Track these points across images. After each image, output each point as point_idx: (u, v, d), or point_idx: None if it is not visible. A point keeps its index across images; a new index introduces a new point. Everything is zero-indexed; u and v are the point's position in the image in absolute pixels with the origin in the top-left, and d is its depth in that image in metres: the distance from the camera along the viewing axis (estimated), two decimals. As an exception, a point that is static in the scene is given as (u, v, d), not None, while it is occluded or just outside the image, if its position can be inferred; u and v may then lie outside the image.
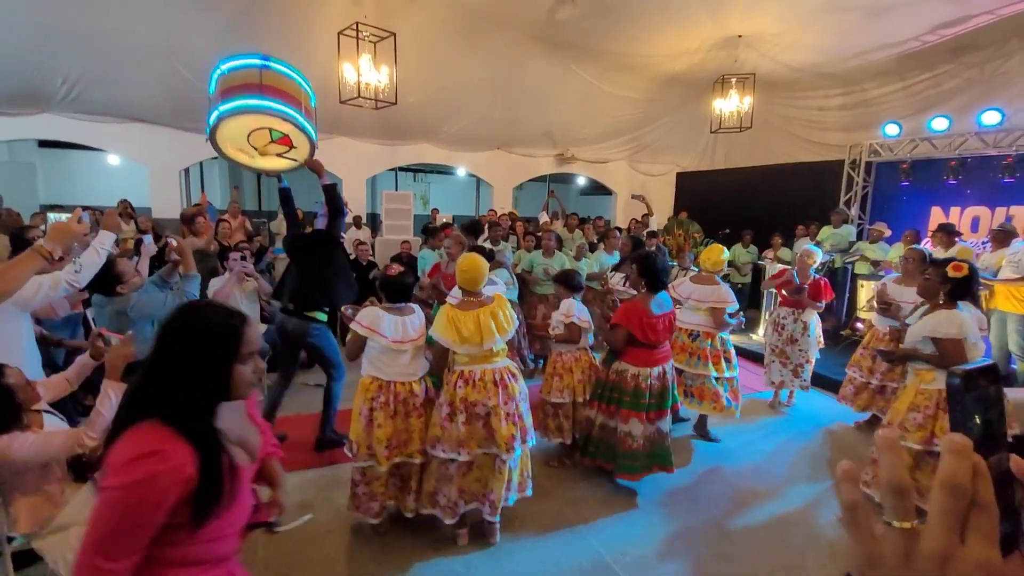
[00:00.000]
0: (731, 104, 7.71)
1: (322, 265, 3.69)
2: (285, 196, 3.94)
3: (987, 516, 0.38)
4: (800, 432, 4.45)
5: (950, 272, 2.89)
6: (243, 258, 4.84)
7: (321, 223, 3.92)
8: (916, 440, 2.93)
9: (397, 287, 2.95)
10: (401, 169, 12.97)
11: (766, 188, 9.32)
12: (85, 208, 3.27)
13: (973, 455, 0.39)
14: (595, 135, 10.54)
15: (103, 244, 2.50)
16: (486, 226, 6.48)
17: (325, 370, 3.91)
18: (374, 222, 11.35)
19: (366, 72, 5.94)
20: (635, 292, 3.47)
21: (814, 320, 4.62)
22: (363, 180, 9.94)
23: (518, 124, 9.75)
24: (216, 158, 10.51)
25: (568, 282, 3.69)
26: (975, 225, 6.88)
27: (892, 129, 7.54)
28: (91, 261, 2.44)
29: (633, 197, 9.73)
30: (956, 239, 5.69)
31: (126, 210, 7.65)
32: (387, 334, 2.77)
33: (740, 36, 7.00)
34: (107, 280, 2.85)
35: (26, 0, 5.85)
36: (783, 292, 4.70)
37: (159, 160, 8.49)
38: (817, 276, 4.66)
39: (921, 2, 5.72)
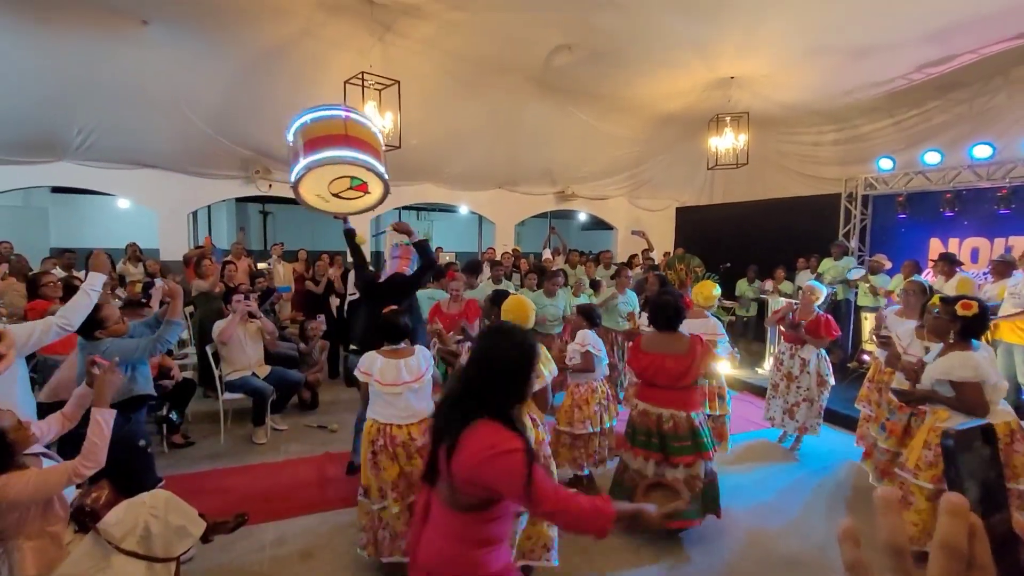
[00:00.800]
0: (727, 141, 7.90)
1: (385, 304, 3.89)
2: (350, 236, 4.14)
3: None
4: (812, 470, 4.36)
5: (959, 310, 2.79)
6: (246, 298, 4.90)
7: (393, 265, 4.11)
8: (927, 479, 2.84)
9: (389, 328, 2.94)
10: (405, 208, 13.21)
11: (765, 222, 9.43)
12: (68, 251, 3.34)
13: (969, 515, 0.40)
14: (594, 173, 10.76)
15: (92, 286, 2.56)
16: (486, 265, 6.55)
17: None
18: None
19: (371, 118, 6.14)
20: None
21: (815, 358, 4.53)
22: (368, 219, 10.11)
23: (519, 164, 9.98)
24: (224, 201, 10.79)
25: (589, 315, 3.85)
26: (975, 256, 6.92)
27: (886, 163, 7.69)
28: (81, 303, 2.50)
29: (633, 233, 9.86)
30: (957, 269, 5.71)
31: (134, 253, 7.79)
32: (379, 377, 2.78)
33: (732, 77, 7.23)
34: (89, 323, 2.80)
35: (48, 54, 6.14)
36: (781, 328, 4.68)
37: (167, 204, 8.71)
38: (820, 313, 4.62)
39: (905, 44, 5.92)
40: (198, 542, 2.29)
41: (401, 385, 2.77)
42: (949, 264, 5.63)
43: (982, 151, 6.56)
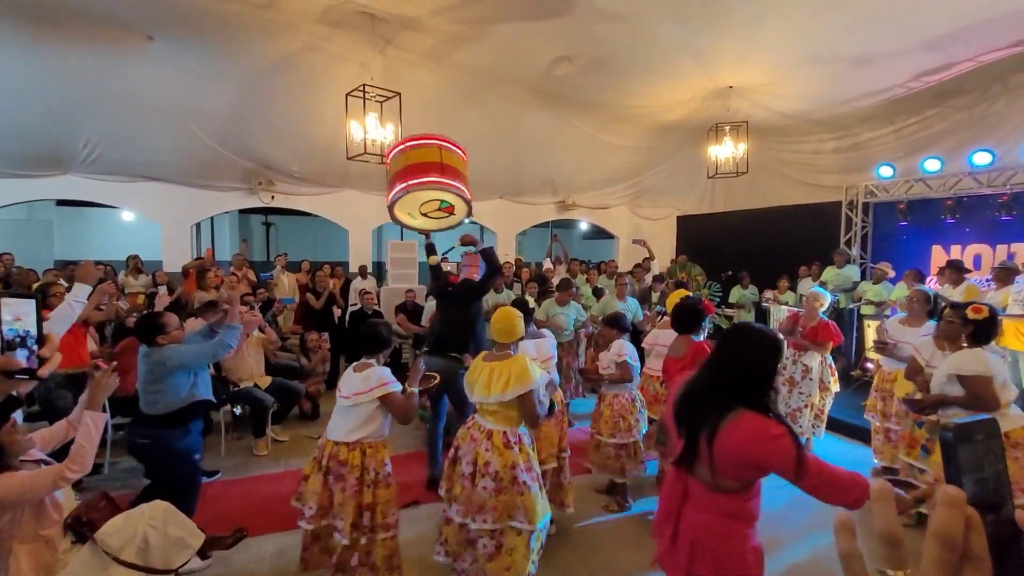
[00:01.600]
0: (726, 150, 7.92)
1: (462, 312, 4.18)
2: (430, 248, 4.52)
3: (980, 569, 0.39)
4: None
5: (970, 315, 2.83)
6: (252, 309, 4.92)
7: (465, 272, 4.47)
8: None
9: (369, 338, 2.78)
10: (407, 219, 13.27)
11: (766, 230, 9.43)
12: (98, 263, 3.40)
13: (966, 508, 0.40)
14: (595, 182, 10.80)
15: (76, 297, 2.58)
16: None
17: (458, 410, 4.05)
18: (380, 271, 11.52)
19: (372, 130, 6.20)
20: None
21: (817, 364, 4.52)
22: (370, 230, 10.15)
23: (520, 174, 10.03)
24: (227, 213, 10.86)
25: (617, 323, 3.84)
26: (977, 263, 6.90)
27: (886, 171, 7.70)
28: (63, 314, 2.51)
29: (634, 242, 9.86)
30: (964, 276, 5.67)
31: (135, 265, 7.82)
32: (340, 386, 2.71)
33: (731, 87, 7.28)
34: (150, 329, 3.00)
35: (54, 68, 6.23)
36: (780, 332, 4.69)
37: (171, 216, 8.77)
38: (823, 318, 4.62)
39: (903, 52, 5.96)
40: (198, 557, 2.28)
41: (343, 397, 2.65)
42: (957, 272, 5.60)
43: (982, 158, 6.57)
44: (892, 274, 6.85)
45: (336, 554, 2.57)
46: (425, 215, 4.13)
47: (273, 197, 8.98)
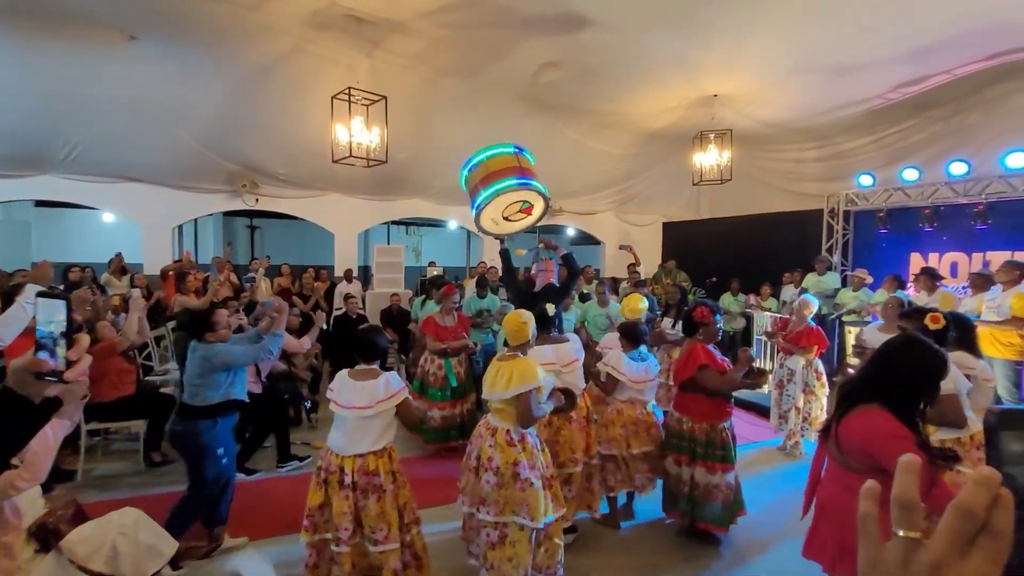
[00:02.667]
0: (711, 158, 8.01)
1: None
2: (505, 255, 4.64)
3: (997, 542, 0.41)
4: (802, 483, 4.35)
5: (929, 324, 2.82)
6: (237, 311, 4.89)
7: (542, 278, 4.52)
8: None
9: (364, 345, 2.71)
10: (394, 223, 13.21)
11: (750, 237, 9.54)
12: (74, 266, 3.34)
13: (999, 488, 0.41)
14: (582, 188, 10.85)
15: (27, 298, 2.54)
16: (475, 280, 6.57)
17: None
18: (366, 275, 11.45)
19: (358, 133, 6.17)
20: (681, 335, 3.73)
21: (800, 367, 4.62)
22: (355, 234, 10.09)
23: (507, 179, 10.04)
24: (211, 215, 10.73)
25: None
26: (954, 270, 7.04)
27: (866, 180, 7.85)
28: (14, 316, 2.47)
29: (621, 248, 9.93)
30: (939, 284, 5.79)
31: (120, 265, 7.68)
32: (335, 396, 2.64)
33: (715, 95, 7.37)
34: (200, 325, 3.15)
35: (33, 67, 6.12)
36: (763, 335, 4.79)
37: (152, 218, 8.64)
38: (811, 324, 4.73)
39: (881, 63, 6.09)
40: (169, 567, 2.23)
41: (349, 409, 2.56)
42: (931, 279, 5.72)
43: (958, 168, 6.72)
44: (870, 280, 6.97)
45: (384, 565, 2.52)
46: (507, 219, 4.32)
47: (258, 200, 8.89)
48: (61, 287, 5.22)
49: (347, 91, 6.01)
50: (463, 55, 6.59)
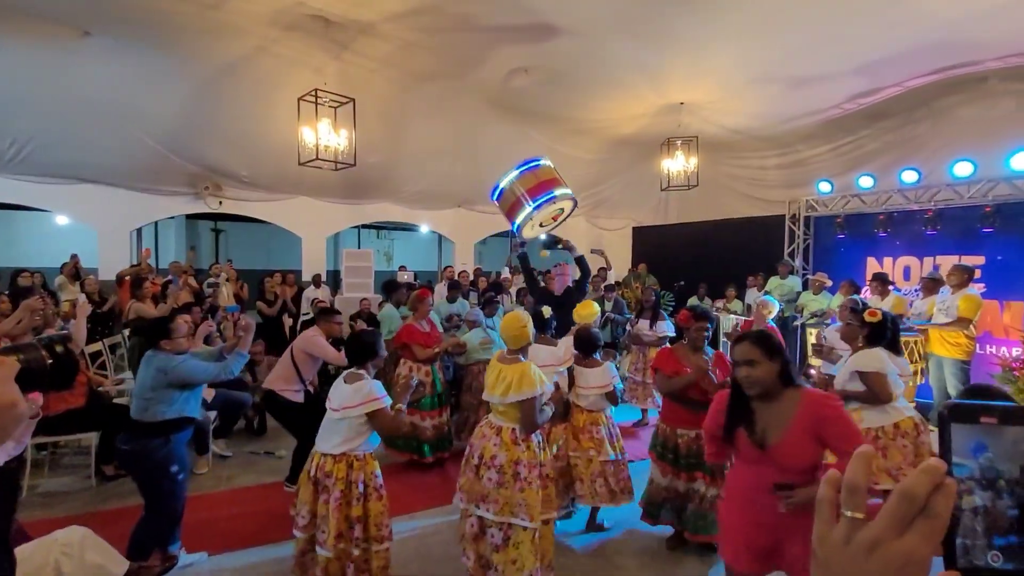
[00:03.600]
0: (678, 164, 8.17)
1: (564, 316, 4.51)
2: (524, 258, 5.00)
3: (933, 523, 0.44)
4: None
5: (867, 318, 3.22)
6: (206, 318, 4.74)
7: (562, 281, 4.91)
8: None
9: (355, 346, 2.79)
10: (364, 226, 13.06)
11: (717, 241, 9.77)
12: (24, 271, 3.18)
13: (943, 477, 0.44)
14: (553, 193, 10.91)
15: None
16: (445, 284, 6.53)
17: None
18: (336, 279, 11.27)
19: (325, 135, 6.08)
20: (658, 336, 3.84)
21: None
22: (324, 238, 9.92)
23: (478, 183, 10.00)
24: (172, 218, 10.39)
25: (578, 341, 3.57)
26: (907, 274, 7.35)
27: (825, 187, 8.13)
28: None
29: (592, 252, 10.02)
30: (890, 288, 6.05)
31: (74, 268, 7.35)
32: (331, 399, 2.71)
33: (682, 103, 7.53)
34: (156, 331, 3.01)
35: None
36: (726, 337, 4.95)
37: (109, 221, 8.31)
38: (771, 325, 4.85)
39: (836, 76, 6.33)
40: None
41: (332, 411, 2.65)
42: (882, 284, 5.97)
43: (909, 176, 7.02)
44: (829, 284, 7.21)
45: (322, 566, 2.56)
46: (541, 224, 4.74)
47: (221, 203, 8.65)
48: (6, 293, 4.97)
49: (314, 93, 5.91)
50: (434, 59, 6.56)
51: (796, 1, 4.79)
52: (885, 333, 3.25)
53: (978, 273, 6.27)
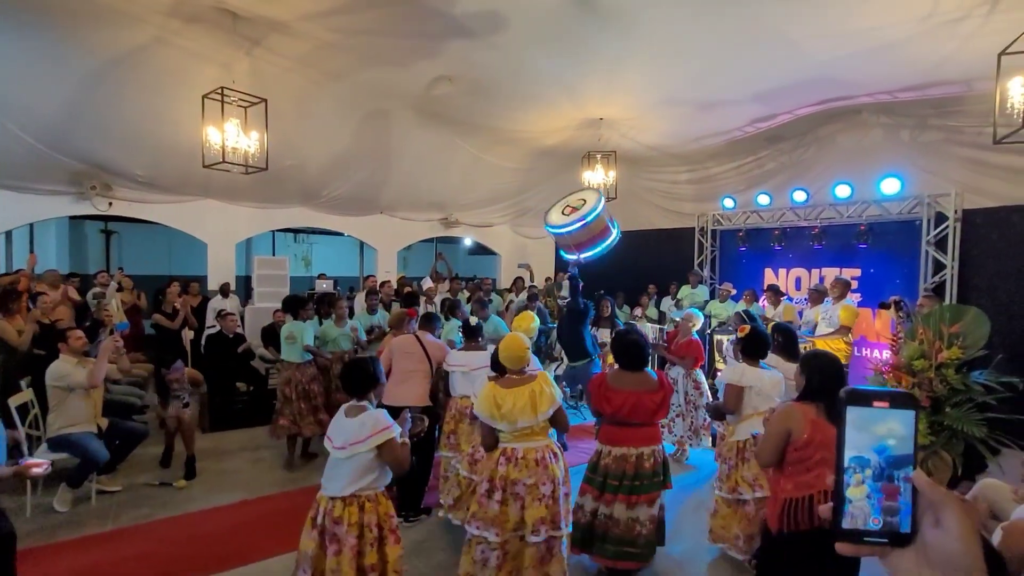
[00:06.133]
0: (598, 176, 8.47)
1: (572, 327, 5.87)
2: (575, 279, 6.28)
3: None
4: (691, 488, 4.70)
5: (739, 334, 3.47)
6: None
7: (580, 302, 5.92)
8: (725, 490, 3.32)
9: (351, 376, 2.56)
10: (280, 231, 12.38)
11: (635, 252, 10.23)
12: None
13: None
14: (478, 201, 10.96)
15: None
16: (365, 294, 6.33)
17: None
18: (247, 285, 10.57)
19: (233, 137, 5.69)
20: None
21: (681, 377, 5.25)
22: (233, 244, 9.26)
23: (401, 190, 9.85)
24: (55, 219, 9.26)
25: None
26: (798, 284, 8.11)
27: (729, 202, 8.79)
28: None
29: (520, 267, 10.31)
30: (782, 298, 6.68)
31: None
32: (330, 434, 2.48)
33: (601, 119, 7.83)
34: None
35: None
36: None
37: (-31, 223, 7.28)
38: (694, 337, 5.32)
39: (739, 101, 6.86)
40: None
41: (338, 449, 2.41)
42: (775, 294, 6.60)
43: (799, 195, 7.76)
44: (734, 292, 7.80)
45: None
46: (563, 213, 5.86)
47: (111, 204, 7.84)
48: None
49: (220, 90, 5.51)
50: (355, 61, 6.36)
51: (696, 32, 5.13)
52: (757, 348, 3.40)
53: (855, 284, 7.05)
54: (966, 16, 4.36)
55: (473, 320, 4.06)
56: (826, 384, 2.36)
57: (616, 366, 3.32)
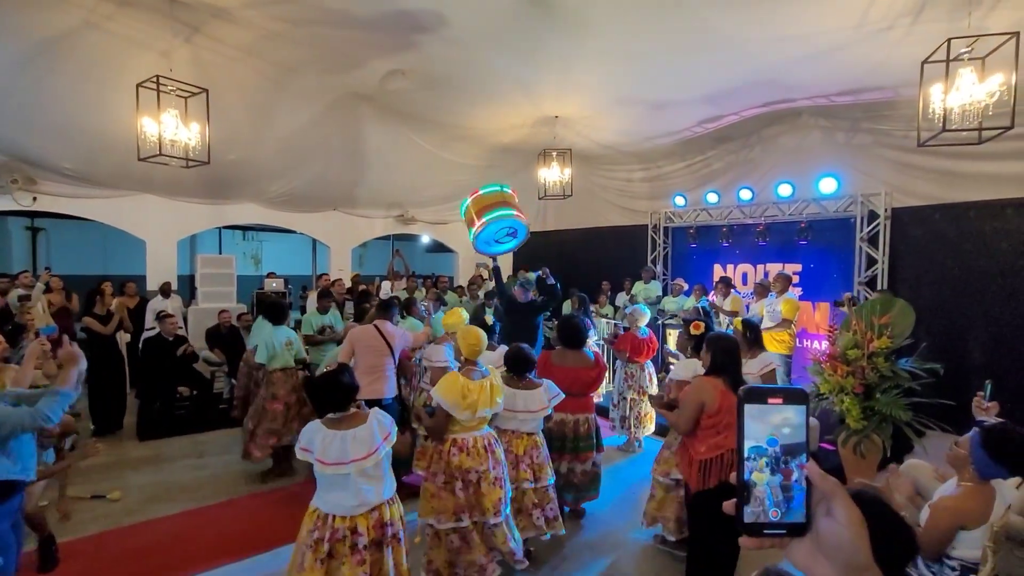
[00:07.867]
0: (554, 174, 8.54)
1: (526, 325, 5.60)
2: (497, 271, 6.19)
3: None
4: (626, 485, 4.82)
5: (692, 331, 3.48)
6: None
7: (526, 296, 5.85)
8: (659, 472, 3.50)
9: (330, 389, 2.38)
10: (227, 227, 11.87)
11: (590, 248, 10.42)
12: None
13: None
14: (435, 197, 10.85)
15: None
16: (316, 294, 6.16)
17: None
18: (191, 284, 10.09)
19: (171, 128, 5.39)
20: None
21: (636, 370, 5.44)
22: (174, 241, 8.81)
23: (356, 186, 9.63)
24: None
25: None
26: (745, 279, 8.44)
27: (680, 200, 9.05)
28: None
29: (478, 267, 10.30)
30: (731, 290, 6.94)
31: None
32: (321, 455, 2.27)
33: (556, 117, 7.89)
34: None
35: None
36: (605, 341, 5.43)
37: None
38: (643, 335, 5.47)
39: (689, 102, 7.06)
40: None
41: (348, 464, 2.25)
42: (726, 286, 6.84)
43: (745, 194, 8.07)
44: (685, 287, 8.05)
45: None
46: (498, 241, 5.57)
47: (36, 199, 7.31)
48: None
49: (155, 79, 5.21)
50: (304, 52, 6.16)
51: (645, 35, 5.24)
52: (748, 340, 3.72)
53: (796, 279, 7.40)
54: (892, 26, 4.64)
55: (489, 319, 4.33)
56: (727, 360, 2.78)
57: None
